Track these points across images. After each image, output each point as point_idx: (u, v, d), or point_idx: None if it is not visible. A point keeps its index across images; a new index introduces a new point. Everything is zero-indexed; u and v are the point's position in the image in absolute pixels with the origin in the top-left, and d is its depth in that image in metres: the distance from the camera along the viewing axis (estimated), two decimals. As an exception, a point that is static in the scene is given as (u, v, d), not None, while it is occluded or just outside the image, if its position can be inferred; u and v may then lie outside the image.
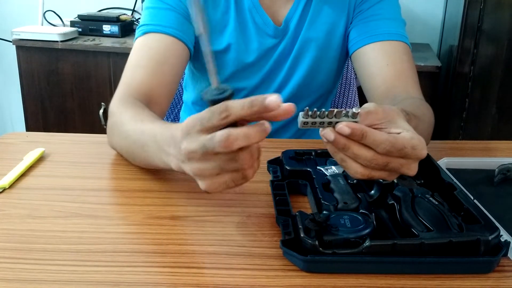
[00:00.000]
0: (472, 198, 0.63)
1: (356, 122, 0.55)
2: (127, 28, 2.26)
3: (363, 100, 0.90)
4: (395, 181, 0.66)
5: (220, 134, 0.52)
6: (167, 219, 0.65)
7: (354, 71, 1.21)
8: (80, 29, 2.23)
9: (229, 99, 0.53)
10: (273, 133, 0.54)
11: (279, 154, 0.77)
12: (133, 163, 0.78)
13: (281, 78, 1.05)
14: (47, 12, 2.36)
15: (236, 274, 0.54)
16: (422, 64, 1.99)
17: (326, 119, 0.55)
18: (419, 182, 0.68)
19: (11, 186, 0.72)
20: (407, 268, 0.55)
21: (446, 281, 0.54)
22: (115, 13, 2.37)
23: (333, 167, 0.72)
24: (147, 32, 0.92)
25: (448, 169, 0.77)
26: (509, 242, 0.56)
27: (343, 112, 0.55)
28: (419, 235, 0.56)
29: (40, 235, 0.60)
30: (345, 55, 1.06)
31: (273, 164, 0.76)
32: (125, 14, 2.36)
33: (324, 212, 0.62)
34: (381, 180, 0.65)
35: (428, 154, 0.72)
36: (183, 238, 0.61)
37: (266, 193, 0.71)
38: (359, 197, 0.65)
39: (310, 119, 0.54)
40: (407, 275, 0.54)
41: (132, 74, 0.89)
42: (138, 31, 0.94)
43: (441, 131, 2.07)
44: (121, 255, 0.57)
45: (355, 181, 0.68)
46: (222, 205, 0.68)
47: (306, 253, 0.54)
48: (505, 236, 0.59)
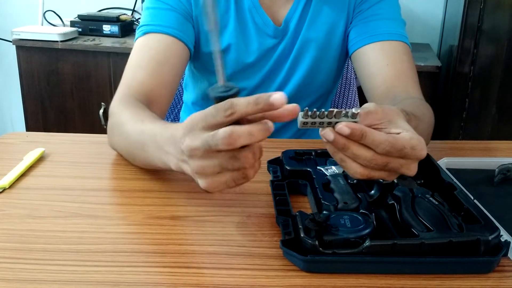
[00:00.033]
0: (472, 198, 0.63)
1: (355, 122, 0.55)
2: (127, 28, 2.26)
3: (363, 100, 0.90)
4: (395, 181, 0.66)
5: (223, 131, 0.52)
6: (167, 219, 0.65)
7: (354, 71, 1.21)
8: (80, 29, 2.23)
9: (234, 97, 0.54)
10: (273, 133, 0.54)
11: (279, 154, 0.77)
12: (133, 163, 0.78)
13: (281, 78, 1.05)
14: (47, 12, 2.36)
15: (236, 274, 0.54)
16: (422, 64, 1.99)
17: (325, 119, 0.55)
18: (419, 182, 0.68)
19: (11, 186, 0.72)
20: (407, 268, 0.55)
21: (446, 281, 0.54)
22: (115, 13, 2.37)
23: (333, 167, 0.72)
24: (147, 32, 0.92)
25: (448, 169, 0.77)
26: (509, 242, 0.56)
27: (343, 112, 0.55)
28: (419, 235, 0.56)
29: (40, 235, 0.60)
30: (345, 55, 1.06)
31: (273, 164, 0.76)
32: (125, 14, 2.36)
33: (324, 212, 0.62)
34: (381, 180, 0.65)
35: (428, 154, 0.72)
36: (183, 238, 0.61)
37: (266, 193, 0.71)
38: (359, 197, 0.65)
39: (309, 119, 0.54)
40: (407, 275, 0.54)
41: (133, 74, 0.89)
42: (138, 31, 0.94)
43: (441, 131, 2.07)
44: (121, 255, 0.57)
45: (355, 181, 0.68)
46: (222, 205, 0.68)
47: (306, 253, 0.54)
48: (505, 236, 0.59)
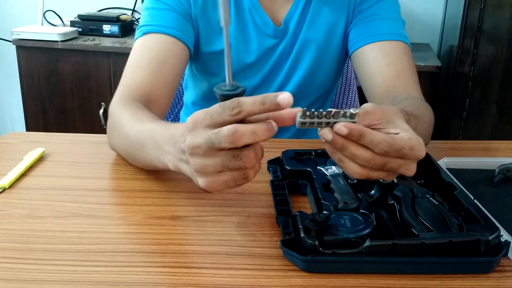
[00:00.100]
0: (472, 198, 0.63)
1: (354, 122, 0.55)
2: (127, 28, 2.26)
3: (363, 100, 0.89)
4: (395, 181, 0.66)
5: (227, 129, 0.52)
6: (167, 219, 0.65)
7: (354, 71, 1.21)
8: (80, 29, 2.23)
9: (240, 96, 0.54)
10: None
11: (279, 154, 0.77)
12: (132, 164, 0.78)
13: (281, 79, 1.05)
14: (47, 12, 2.36)
15: (236, 274, 0.54)
16: (422, 64, 1.99)
17: (324, 120, 0.54)
18: (419, 182, 0.68)
19: (11, 186, 0.72)
20: (407, 268, 0.55)
21: (446, 281, 0.54)
22: (115, 13, 2.37)
23: (333, 167, 0.72)
24: (147, 32, 0.92)
25: (448, 169, 0.77)
26: (509, 242, 0.56)
27: (341, 113, 0.55)
28: (419, 235, 0.56)
29: (40, 235, 0.60)
30: (345, 55, 1.06)
31: (273, 164, 0.76)
32: (125, 14, 2.36)
33: (324, 212, 0.62)
34: (381, 180, 0.65)
35: (428, 154, 0.72)
36: (183, 238, 0.61)
37: (266, 193, 0.71)
38: (359, 197, 0.65)
39: (308, 120, 0.54)
40: (407, 275, 0.54)
41: (132, 74, 0.89)
42: (138, 31, 0.94)
43: (441, 131, 2.07)
44: (121, 255, 0.57)
45: (355, 181, 0.68)
46: (222, 205, 0.68)
47: (306, 253, 0.54)
48: (505, 236, 0.59)
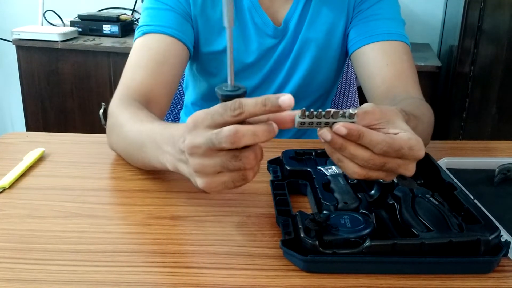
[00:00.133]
0: (472, 198, 0.63)
1: (353, 122, 0.55)
2: (127, 28, 2.26)
3: (363, 100, 0.89)
4: (395, 181, 0.66)
5: (228, 129, 0.51)
6: (167, 219, 0.65)
7: (354, 71, 1.21)
8: (80, 29, 2.23)
9: (242, 97, 0.54)
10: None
11: (279, 154, 0.77)
12: (131, 164, 0.78)
13: (281, 79, 1.05)
14: (47, 12, 2.36)
15: (236, 274, 0.54)
16: (422, 64, 1.99)
17: (323, 120, 0.54)
18: (419, 182, 0.68)
19: (11, 186, 0.72)
20: (407, 268, 0.55)
21: (446, 281, 0.54)
22: (115, 13, 2.37)
23: (333, 167, 0.72)
24: (146, 32, 0.92)
25: (448, 169, 0.77)
26: (509, 242, 0.56)
27: (340, 113, 0.55)
28: (419, 235, 0.56)
29: (40, 235, 0.60)
30: (344, 55, 1.06)
31: (273, 164, 0.76)
32: (125, 14, 2.36)
33: (324, 212, 0.62)
34: (381, 180, 0.65)
35: (428, 154, 0.72)
36: (183, 238, 0.61)
37: (266, 193, 0.71)
38: (359, 197, 0.65)
39: (307, 120, 0.54)
40: (407, 275, 0.54)
41: (132, 74, 0.89)
42: (137, 31, 0.94)
43: (441, 131, 2.07)
44: (121, 255, 0.57)
45: (355, 181, 0.68)
46: (222, 205, 0.68)
47: (306, 253, 0.54)
48: (505, 236, 0.59)
